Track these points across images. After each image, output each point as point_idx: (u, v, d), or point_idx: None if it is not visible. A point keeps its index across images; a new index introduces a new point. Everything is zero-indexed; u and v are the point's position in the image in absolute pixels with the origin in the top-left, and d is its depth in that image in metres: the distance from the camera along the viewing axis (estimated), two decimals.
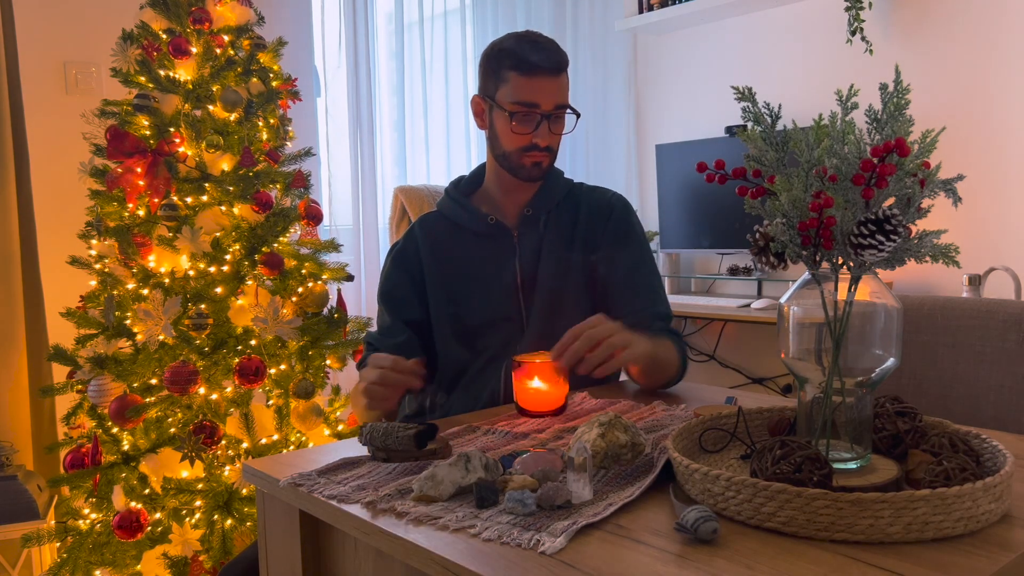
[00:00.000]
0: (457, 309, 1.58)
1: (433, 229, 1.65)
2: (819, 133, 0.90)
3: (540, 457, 0.97)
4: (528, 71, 1.50)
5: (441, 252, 1.62)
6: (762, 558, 0.74)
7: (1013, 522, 0.81)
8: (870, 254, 0.84)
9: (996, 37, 2.71)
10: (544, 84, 1.51)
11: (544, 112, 1.51)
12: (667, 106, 3.69)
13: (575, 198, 1.65)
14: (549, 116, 1.52)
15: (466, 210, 1.63)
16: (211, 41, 2.09)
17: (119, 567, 1.91)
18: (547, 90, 1.51)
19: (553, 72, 1.51)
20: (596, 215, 1.63)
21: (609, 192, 1.69)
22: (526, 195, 1.61)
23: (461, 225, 1.62)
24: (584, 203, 1.64)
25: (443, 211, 1.67)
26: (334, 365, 2.16)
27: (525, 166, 1.55)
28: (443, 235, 1.63)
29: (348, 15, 3.05)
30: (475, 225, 1.61)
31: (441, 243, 1.62)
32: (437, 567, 0.78)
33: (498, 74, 1.53)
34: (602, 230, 1.62)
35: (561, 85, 1.53)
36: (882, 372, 0.91)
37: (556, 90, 1.52)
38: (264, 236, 2.04)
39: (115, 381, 1.92)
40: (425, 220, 1.69)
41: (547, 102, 1.51)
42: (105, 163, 2.04)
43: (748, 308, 2.98)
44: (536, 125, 1.52)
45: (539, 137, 1.53)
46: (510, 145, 1.54)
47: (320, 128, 3.10)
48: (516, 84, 1.51)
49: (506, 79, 1.52)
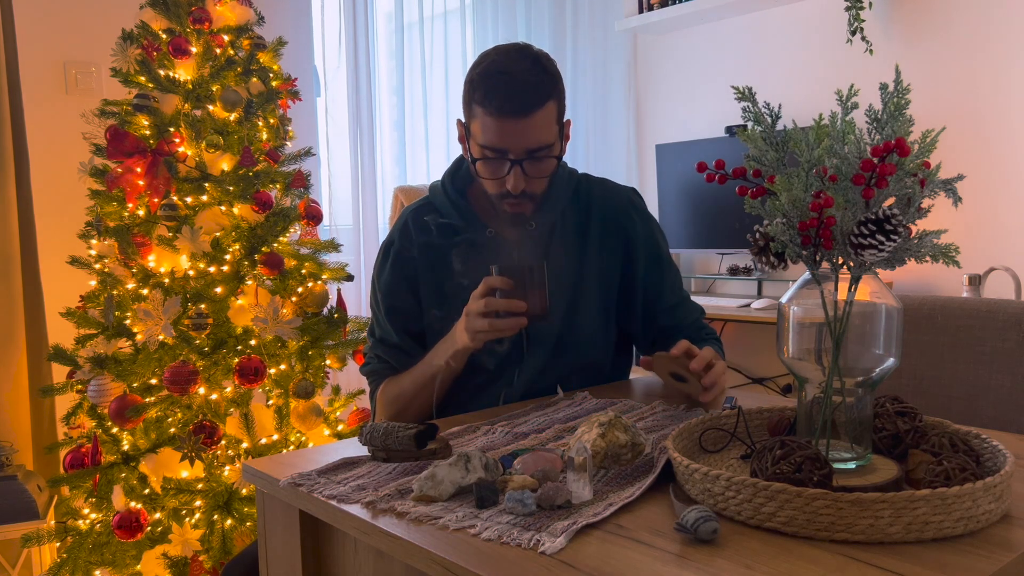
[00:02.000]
0: (451, 319, 1.41)
1: (426, 227, 1.49)
2: (819, 133, 0.90)
3: (540, 457, 0.97)
4: (493, 111, 1.31)
5: (435, 254, 1.48)
6: (762, 558, 0.74)
7: (1013, 522, 0.81)
8: (870, 254, 0.84)
9: (996, 37, 2.71)
10: (512, 128, 1.31)
11: (514, 158, 1.33)
12: (667, 106, 3.69)
13: (584, 196, 1.51)
14: (520, 162, 1.33)
15: (461, 213, 1.47)
16: (211, 41, 2.09)
17: (119, 567, 1.91)
18: (515, 135, 1.32)
19: (523, 113, 1.30)
20: (611, 215, 1.50)
21: (621, 187, 1.56)
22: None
23: (456, 228, 1.48)
24: (596, 203, 1.50)
25: (438, 206, 1.51)
26: (334, 365, 2.16)
27: (505, 212, 1.41)
28: (438, 238, 1.48)
29: (348, 15, 3.05)
30: (472, 233, 1.47)
31: (434, 244, 1.48)
32: (437, 567, 0.78)
33: (470, 106, 1.36)
34: (626, 237, 1.50)
35: (534, 126, 1.32)
36: (882, 372, 0.91)
37: (526, 133, 1.32)
38: (264, 236, 2.04)
39: (115, 381, 1.92)
40: (419, 214, 1.52)
41: (516, 147, 1.33)
42: (105, 163, 2.04)
43: (748, 308, 2.98)
44: (508, 170, 1.34)
45: (510, 184, 1.35)
46: (487, 187, 1.41)
47: (320, 128, 3.10)
48: (483, 124, 1.33)
49: (475, 115, 1.35)
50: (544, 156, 1.36)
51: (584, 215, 1.50)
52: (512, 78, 1.31)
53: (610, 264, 1.51)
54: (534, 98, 1.32)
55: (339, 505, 0.92)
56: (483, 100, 1.32)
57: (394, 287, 1.51)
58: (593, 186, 1.54)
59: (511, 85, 1.31)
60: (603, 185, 1.56)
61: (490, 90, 1.31)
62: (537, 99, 1.32)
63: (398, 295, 1.51)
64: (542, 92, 1.33)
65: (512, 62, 1.34)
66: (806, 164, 0.89)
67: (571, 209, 1.50)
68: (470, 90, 1.36)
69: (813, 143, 0.90)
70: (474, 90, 1.34)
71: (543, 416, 1.27)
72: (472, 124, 1.37)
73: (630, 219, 1.52)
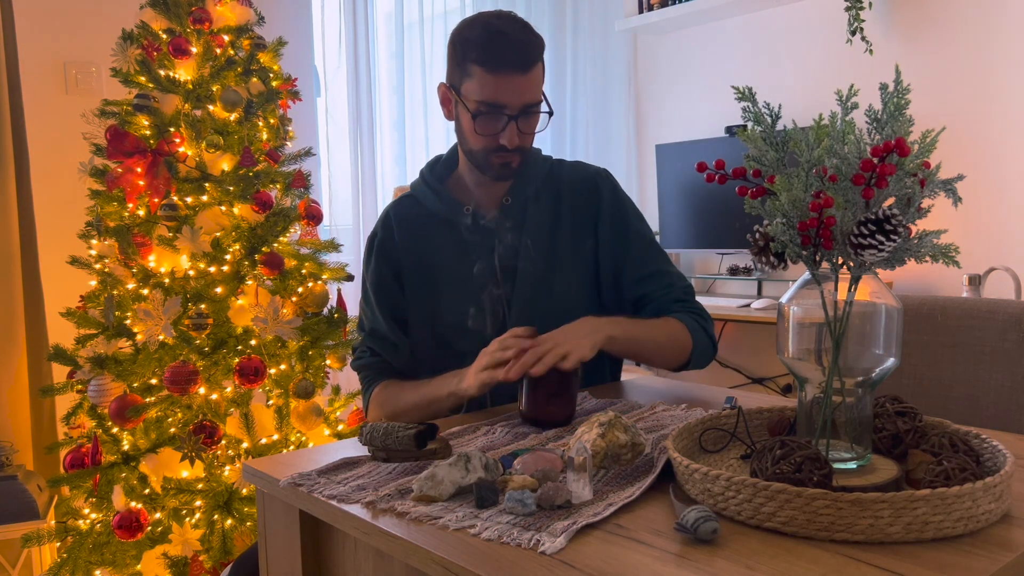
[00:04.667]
0: (433, 307, 1.50)
1: (407, 217, 1.55)
2: (819, 133, 0.90)
3: (540, 457, 0.97)
4: (493, 67, 1.36)
5: (416, 244, 1.53)
6: (762, 558, 0.74)
7: (1013, 522, 0.81)
8: (870, 254, 0.84)
9: (996, 37, 2.71)
10: (512, 82, 1.37)
11: (511, 113, 1.39)
12: (667, 106, 3.69)
13: (555, 178, 1.55)
14: (517, 117, 1.40)
15: (441, 198, 1.52)
16: (211, 41, 2.09)
17: (119, 567, 1.91)
18: (515, 89, 1.38)
19: (522, 69, 1.37)
20: (581, 194, 1.53)
21: (591, 167, 1.59)
22: (503, 184, 1.51)
23: (436, 214, 1.53)
24: (566, 182, 1.54)
25: (418, 196, 1.57)
26: (334, 365, 2.16)
27: (493, 165, 1.44)
28: (417, 225, 1.54)
29: (348, 15, 3.06)
30: (450, 215, 1.51)
31: (416, 233, 1.53)
32: (437, 567, 0.78)
33: (463, 66, 1.40)
34: (594, 214, 1.53)
35: (531, 82, 1.39)
36: (882, 372, 0.91)
37: (525, 88, 1.38)
38: (264, 236, 2.04)
39: (115, 381, 1.92)
40: (400, 206, 1.58)
41: (515, 102, 1.38)
42: (105, 163, 2.04)
43: (748, 308, 2.98)
44: (503, 126, 1.40)
45: (505, 139, 1.40)
46: (476, 144, 1.44)
47: (320, 128, 3.10)
48: (481, 81, 1.37)
49: (471, 74, 1.39)
50: (537, 112, 1.43)
51: (556, 196, 1.54)
52: (508, 37, 1.38)
53: (581, 241, 1.53)
54: (531, 56, 1.39)
55: (339, 505, 0.92)
56: (482, 59, 1.37)
57: (379, 276, 1.55)
58: (564, 168, 1.58)
59: (509, 44, 1.38)
60: (573, 167, 1.59)
61: (489, 48, 1.37)
62: (532, 57, 1.39)
63: (384, 282, 1.55)
64: (535, 51, 1.40)
65: (505, 24, 1.41)
66: (806, 164, 0.89)
67: (544, 190, 1.54)
68: (463, 50, 1.40)
69: (813, 143, 0.90)
70: (470, 50, 1.39)
71: None
72: (466, 84, 1.40)
73: (597, 195, 1.55)
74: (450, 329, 1.50)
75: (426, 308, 1.51)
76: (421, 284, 1.52)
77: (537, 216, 1.52)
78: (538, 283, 1.49)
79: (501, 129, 1.40)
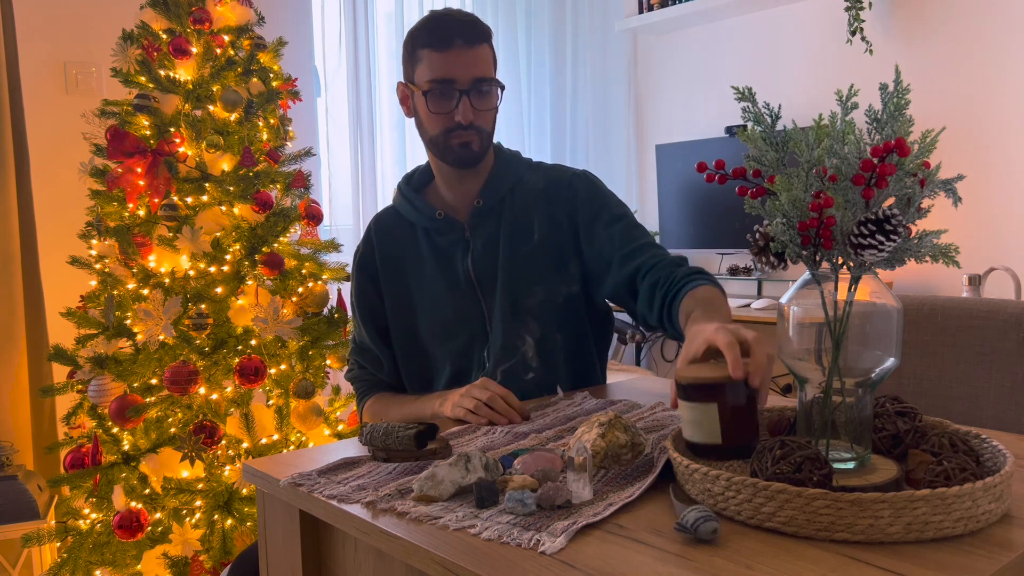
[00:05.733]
0: (412, 315, 1.52)
1: (385, 227, 1.58)
2: (819, 133, 0.90)
3: (540, 457, 0.97)
4: (440, 46, 1.41)
5: (394, 254, 1.55)
6: (762, 558, 0.74)
7: (1013, 522, 0.81)
8: (870, 254, 0.84)
9: (996, 37, 2.71)
10: (459, 57, 1.41)
11: (461, 88, 1.41)
12: (667, 106, 3.69)
13: (532, 179, 1.55)
14: (468, 92, 1.42)
15: (415, 206, 1.54)
16: (211, 41, 2.09)
17: (119, 567, 1.91)
18: (462, 63, 1.41)
19: (467, 43, 1.41)
20: (558, 193, 1.52)
21: (570, 169, 1.58)
22: (475, 185, 1.51)
23: (412, 222, 1.54)
24: (543, 182, 1.54)
25: (396, 207, 1.59)
26: (334, 365, 2.16)
27: (453, 148, 1.45)
28: (395, 235, 1.56)
29: (348, 15, 3.06)
30: (425, 221, 1.53)
31: (393, 244, 1.55)
32: (437, 567, 0.78)
33: (414, 56, 1.45)
34: (571, 209, 1.51)
35: (479, 57, 1.42)
36: (882, 372, 0.91)
37: (473, 62, 1.41)
38: (264, 236, 2.04)
39: (115, 381, 1.92)
40: (379, 218, 1.61)
41: (463, 76, 1.41)
42: (105, 163, 2.04)
43: (748, 308, 2.98)
44: (456, 103, 1.41)
45: (459, 115, 1.42)
46: (434, 128, 1.45)
47: (320, 128, 3.10)
48: (430, 61, 1.42)
49: (421, 58, 1.43)
50: (489, 89, 1.45)
51: (532, 196, 1.53)
52: (452, 17, 1.44)
53: (559, 238, 1.50)
54: (476, 31, 1.44)
55: (339, 505, 0.92)
56: (429, 40, 1.42)
57: (360, 289, 1.58)
58: (542, 170, 1.58)
59: (453, 21, 1.43)
60: (551, 168, 1.59)
61: (434, 30, 1.43)
62: (478, 33, 1.44)
63: (365, 295, 1.57)
64: (480, 29, 1.45)
65: (450, 10, 1.47)
66: (806, 164, 0.89)
67: (520, 190, 1.53)
68: (412, 42, 1.45)
69: (813, 143, 0.90)
70: (418, 38, 1.44)
71: (543, 416, 1.28)
72: (418, 70, 1.44)
73: (572, 191, 1.53)
74: (429, 336, 1.51)
75: (405, 317, 1.53)
76: (399, 294, 1.54)
77: (512, 215, 1.51)
78: (517, 283, 1.48)
79: (455, 106, 1.42)
